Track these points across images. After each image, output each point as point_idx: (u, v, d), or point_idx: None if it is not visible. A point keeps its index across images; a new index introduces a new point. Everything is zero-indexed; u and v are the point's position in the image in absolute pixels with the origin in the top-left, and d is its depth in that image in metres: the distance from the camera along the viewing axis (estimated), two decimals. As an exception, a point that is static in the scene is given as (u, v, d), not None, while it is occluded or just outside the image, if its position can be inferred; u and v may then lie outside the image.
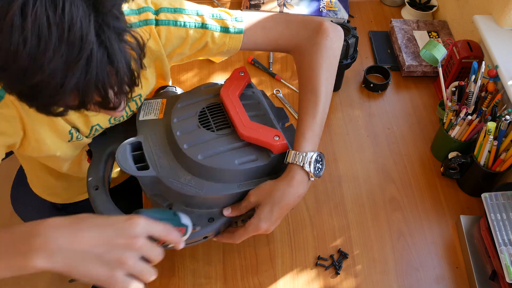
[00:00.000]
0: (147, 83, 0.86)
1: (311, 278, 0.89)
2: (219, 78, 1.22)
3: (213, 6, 1.39)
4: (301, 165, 0.76)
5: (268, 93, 1.18)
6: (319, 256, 0.92)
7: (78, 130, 0.81)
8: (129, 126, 0.87)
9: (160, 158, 0.79)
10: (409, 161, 1.07)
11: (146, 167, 0.78)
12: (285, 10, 1.35)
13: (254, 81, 1.21)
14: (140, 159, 0.80)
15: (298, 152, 0.77)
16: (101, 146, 0.87)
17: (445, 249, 0.94)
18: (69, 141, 0.82)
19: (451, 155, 1.00)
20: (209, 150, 0.78)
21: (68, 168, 0.93)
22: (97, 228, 0.56)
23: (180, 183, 0.77)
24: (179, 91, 0.95)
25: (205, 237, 0.78)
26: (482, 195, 0.88)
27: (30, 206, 1.14)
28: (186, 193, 0.76)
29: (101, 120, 0.83)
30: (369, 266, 0.91)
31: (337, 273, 0.89)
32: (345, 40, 1.06)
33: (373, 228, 0.96)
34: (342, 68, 1.12)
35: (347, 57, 1.10)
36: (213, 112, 0.85)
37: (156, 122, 0.85)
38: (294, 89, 1.20)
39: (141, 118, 0.86)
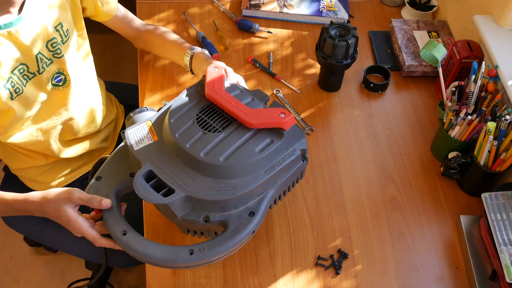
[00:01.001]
0: (64, 12, 0.96)
1: (311, 278, 0.89)
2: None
3: (213, 5, 1.40)
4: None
5: (268, 93, 1.18)
6: (319, 256, 0.92)
7: (26, 66, 0.89)
8: (120, 168, 0.85)
9: (180, 176, 0.78)
10: (409, 161, 1.07)
11: (171, 191, 0.76)
12: (285, 10, 1.35)
13: (254, 81, 1.21)
14: (158, 186, 0.78)
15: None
16: (105, 192, 0.83)
17: (445, 249, 0.94)
18: (11, 97, 0.88)
19: (451, 155, 1.00)
20: (225, 150, 0.78)
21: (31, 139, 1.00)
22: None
23: (214, 191, 0.76)
24: (151, 111, 0.91)
25: (253, 231, 0.78)
26: (482, 195, 0.88)
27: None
28: (223, 199, 0.76)
29: (38, 46, 0.90)
30: (369, 266, 0.91)
31: (337, 273, 0.89)
32: (345, 40, 1.07)
33: (373, 228, 0.96)
34: (342, 68, 1.12)
35: (347, 57, 1.10)
36: (210, 114, 0.84)
37: (154, 145, 0.81)
38: (294, 89, 1.20)
39: (136, 148, 0.81)
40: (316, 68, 1.25)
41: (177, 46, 1.11)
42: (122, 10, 1.14)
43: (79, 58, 1.04)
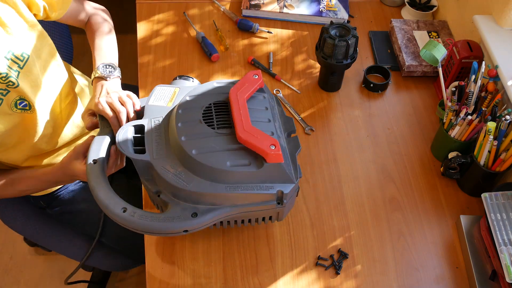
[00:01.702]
0: (12, 36, 0.90)
1: (311, 278, 0.89)
2: (220, 79, 1.22)
3: (213, 6, 1.40)
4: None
5: (268, 93, 1.18)
6: (319, 256, 0.92)
7: None
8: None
9: (159, 145, 0.80)
10: (409, 161, 1.07)
11: (143, 151, 0.80)
12: (285, 10, 1.35)
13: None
14: (139, 143, 0.82)
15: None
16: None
17: (445, 249, 0.94)
18: None
19: (451, 155, 1.00)
20: (205, 146, 0.78)
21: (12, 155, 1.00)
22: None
23: (170, 173, 0.77)
24: (195, 82, 0.97)
25: (185, 231, 0.78)
26: (482, 195, 0.88)
27: (13, 210, 1.16)
28: (175, 184, 0.77)
29: (12, 45, 0.89)
30: (369, 266, 0.91)
31: (337, 273, 0.89)
32: (345, 40, 1.07)
33: (373, 228, 0.96)
34: (342, 68, 1.12)
35: (347, 57, 1.10)
36: (218, 109, 0.84)
37: (163, 109, 0.87)
38: (295, 89, 1.20)
39: (150, 102, 0.88)
40: (316, 68, 1.25)
41: (93, 56, 1.06)
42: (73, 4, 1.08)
43: (46, 79, 0.98)
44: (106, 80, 0.98)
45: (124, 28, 1.85)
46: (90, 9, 1.14)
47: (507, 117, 0.89)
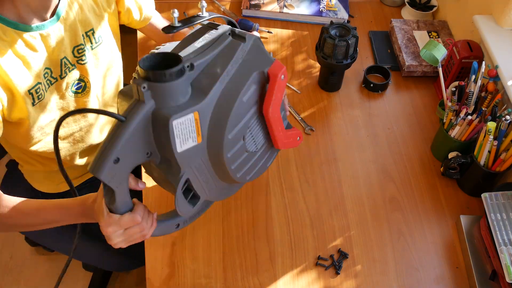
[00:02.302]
0: (98, 19, 0.95)
1: (311, 278, 0.89)
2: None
3: (213, 6, 1.40)
4: None
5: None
6: (319, 256, 0.92)
7: (50, 71, 0.88)
8: (137, 147, 0.67)
9: (208, 183, 0.76)
10: (409, 161, 1.07)
11: (197, 197, 0.76)
12: (285, 10, 1.35)
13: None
14: (188, 189, 0.75)
15: None
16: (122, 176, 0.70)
17: (445, 249, 0.94)
18: (33, 103, 0.86)
19: (451, 155, 1.00)
20: (253, 168, 0.81)
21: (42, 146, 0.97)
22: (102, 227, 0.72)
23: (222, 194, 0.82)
24: (221, 31, 0.77)
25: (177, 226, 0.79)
26: (482, 195, 0.88)
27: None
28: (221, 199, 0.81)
29: (64, 51, 0.89)
30: (369, 266, 0.91)
31: (337, 273, 0.89)
32: (345, 40, 1.07)
33: (373, 228, 0.96)
34: (342, 68, 1.12)
35: (347, 57, 1.10)
36: (255, 131, 0.79)
37: (197, 149, 0.70)
38: (294, 89, 1.20)
39: (180, 149, 0.68)
40: (316, 68, 1.25)
41: None
42: (157, 17, 1.13)
43: (105, 66, 1.01)
44: None
45: (124, 28, 1.85)
46: None
47: (507, 117, 0.89)
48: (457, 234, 0.96)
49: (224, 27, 0.76)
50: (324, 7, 1.36)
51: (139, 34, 1.31)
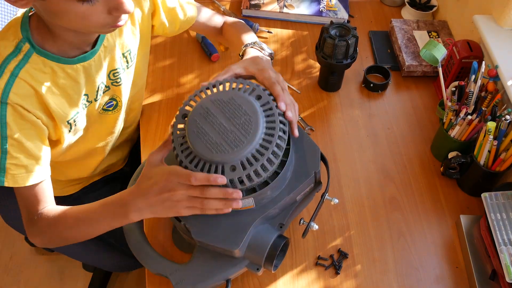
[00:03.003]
0: (135, 38, 0.94)
1: (311, 278, 0.89)
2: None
3: (213, 6, 1.40)
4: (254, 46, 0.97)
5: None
6: (319, 256, 0.92)
7: (87, 96, 0.88)
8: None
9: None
10: (409, 161, 1.07)
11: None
12: (285, 10, 1.35)
13: (254, 81, 1.21)
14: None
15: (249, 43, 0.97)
16: None
17: (445, 249, 0.94)
18: (69, 130, 0.86)
19: (451, 155, 1.00)
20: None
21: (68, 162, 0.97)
22: (152, 191, 0.74)
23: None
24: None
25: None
26: (482, 195, 0.88)
27: (17, 208, 1.15)
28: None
29: (102, 77, 0.88)
30: (369, 266, 0.91)
31: (337, 273, 0.89)
32: (345, 40, 1.07)
33: (373, 228, 0.96)
34: (342, 68, 1.12)
35: (347, 57, 1.10)
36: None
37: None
38: (295, 89, 1.20)
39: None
40: (316, 68, 1.25)
41: (237, 41, 1.03)
42: (202, 13, 1.08)
43: (136, 83, 1.00)
44: (261, 51, 0.95)
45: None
46: (220, 17, 1.12)
47: (507, 117, 0.89)
48: (457, 234, 0.96)
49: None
50: (324, 7, 1.36)
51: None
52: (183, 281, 0.78)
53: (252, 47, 0.96)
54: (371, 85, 1.19)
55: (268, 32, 1.33)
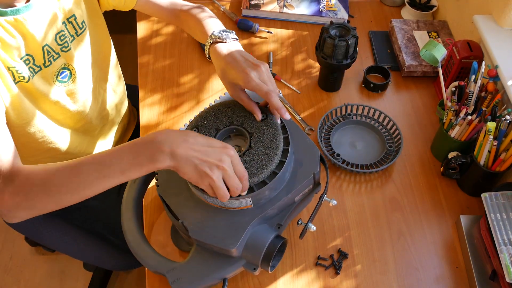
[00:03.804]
0: (78, 5, 0.93)
1: (311, 278, 0.89)
2: (220, 80, 1.21)
3: (213, 6, 1.40)
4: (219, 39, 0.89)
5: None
6: (319, 256, 0.92)
7: (32, 58, 0.86)
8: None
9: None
10: (409, 161, 1.07)
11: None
12: (285, 10, 1.35)
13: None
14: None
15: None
16: None
17: (445, 249, 0.94)
18: (14, 80, 0.84)
19: (451, 155, 1.00)
20: None
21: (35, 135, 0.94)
22: (201, 143, 0.69)
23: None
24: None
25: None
26: (482, 195, 0.88)
27: None
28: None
29: (46, 39, 0.87)
30: (369, 266, 0.91)
31: (337, 273, 0.89)
32: (345, 40, 1.07)
33: (373, 228, 0.96)
34: (342, 68, 1.12)
35: (347, 57, 1.10)
36: None
37: None
38: (295, 89, 1.20)
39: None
40: (316, 68, 1.25)
41: (200, 31, 0.97)
42: None
43: (96, 57, 1.01)
44: (224, 42, 0.89)
45: (124, 28, 1.85)
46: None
47: (507, 117, 0.89)
48: (457, 234, 0.96)
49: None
50: (324, 7, 1.36)
51: (139, 34, 1.31)
52: (180, 280, 0.78)
53: (215, 41, 0.90)
54: (371, 85, 1.19)
55: (268, 32, 1.33)
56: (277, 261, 0.83)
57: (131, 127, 1.28)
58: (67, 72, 0.96)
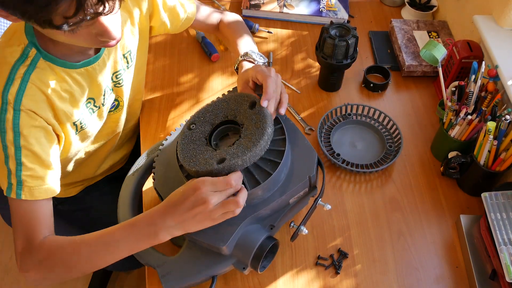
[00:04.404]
0: (134, 38, 0.94)
1: (311, 278, 0.89)
2: (219, 79, 1.22)
3: (213, 6, 1.40)
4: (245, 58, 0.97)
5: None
6: (319, 255, 0.92)
7: (94, 100, 0.88)
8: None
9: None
10: (409, 161, 1.07)
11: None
12: (285, 10, 1.35)
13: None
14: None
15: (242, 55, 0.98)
16: None
17: (445, 249, 0.94)
18: (76, 132, 0.86)
19: (451, 154, 1.00)
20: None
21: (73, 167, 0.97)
22: (182, 207, 0.71)
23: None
24: None
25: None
26: (482, 195, 0.88)
27: None
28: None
29: (106, 80, 0.89)
30: (369, 265, 0.91)
31: (337, 273, 0.89)
32: (345, 40, 1.07)
33: (373, 228, 0.96)
34: (342, 68, 1.12)
35: (347, 57, 1.10)
36: None
37: None
38: (295, 89, 1.20)
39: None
40: (316, 68, 1.25)
41: (232, 48, 1.05)
42: (201, 11, 1.09)
43: (136, 81, 1.02)
44: (254, 62, 0.95)
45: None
46: (218, 14, 1.13)
47: (507, 116, 0.89)
48: (457, 234, 0.96)
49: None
50: (324, 7, 1.36)
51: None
52: (170, 274, 0.79)
53: (245, 59, 0.97)
54: (371, 85, 1.19)
55: (268, 32, 1.33)
56: (268, 262, 0.83)
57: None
58: (116, 103, 0.97)
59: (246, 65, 0.95)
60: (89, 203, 1.15)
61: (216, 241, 0.76)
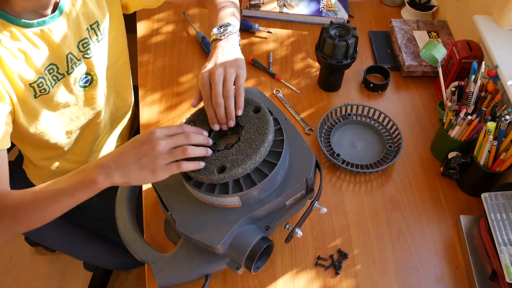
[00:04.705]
0: (101, 11, 0.94)
1: (311, 278, 0.89)
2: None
3: (213, 6, 1.39)
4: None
5: (268, 93, 1.18)
6: (319, 256, 0.92)
7: (56, 67, 0.87)
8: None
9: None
10: (409, 161, 1.07)
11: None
12: (285, 10, 1.35)
13: (253, 81, 1.21)
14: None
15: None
16: None
17: (445, 249, 0.94)
18: (35, 95, 0.85)
19: (451, 155, 1.00)
20: None
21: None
22: (130, 148, 0.69)
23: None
24: None
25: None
26: (482, 195, 0.88)
27: None
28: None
29: (69, 47, 0.89)
30: (368, 266, 0.91)
31: (337, 273, 0.89)
32: (344, 40, 1.07)
33: (373, 228, 0.96)
34: (342, 68, 1.12)
35: (347, 57, 1.10)
36: None
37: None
38: (294, 89, 1.20)
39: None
40: (316, 68, 1.25)
41: (214, 20, 0.99)
42: None
43: (111, 58, 1.02)
44: (221, 39, 0.91)
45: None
46: None
47: (507, 117, 0.89)
48: (457, 234, 0.96)
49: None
50: (323, 7, 1.36)
51: (139, 33, 1.31)
52: (163, 271, 0.79)
53: (215, 39, 0.93)
54: (371, 85, 1.19)
55: (268, 32, 1.33)
56: (263, 263, 0.83)
57: (134, 127, 1.28)
58: (89, 77, 0.96)
59: (214, 48, 0.91)
60: (87, 201, 1.15)
61: (210, 240, 0.76)
